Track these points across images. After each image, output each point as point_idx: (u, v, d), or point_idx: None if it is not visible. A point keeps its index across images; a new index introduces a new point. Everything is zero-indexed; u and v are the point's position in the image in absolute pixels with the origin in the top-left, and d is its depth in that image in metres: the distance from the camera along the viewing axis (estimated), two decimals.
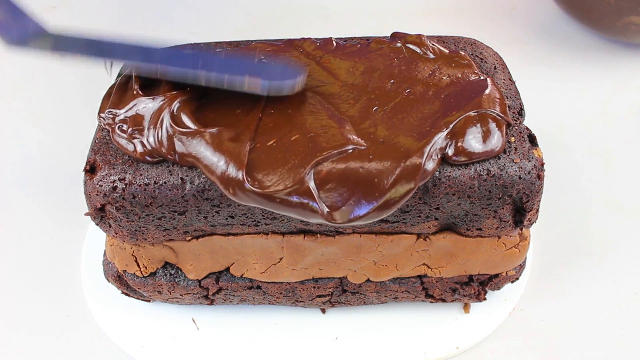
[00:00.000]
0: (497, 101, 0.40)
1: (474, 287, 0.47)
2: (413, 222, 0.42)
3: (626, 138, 0.63)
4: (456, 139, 0.38)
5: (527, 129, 0.41)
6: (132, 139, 0.40)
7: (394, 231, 0.43)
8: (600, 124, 0.65)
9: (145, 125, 0.40)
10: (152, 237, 0.43)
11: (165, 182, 0.39)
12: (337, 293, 0.48)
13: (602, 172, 0.60)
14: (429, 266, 0.45)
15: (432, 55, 0.43)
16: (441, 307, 0.50)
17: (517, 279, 0.48)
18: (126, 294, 0.49)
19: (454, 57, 0.43)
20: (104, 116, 0.41)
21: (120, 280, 0.47)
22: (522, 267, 0.47)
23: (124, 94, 0.42)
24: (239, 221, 0.42)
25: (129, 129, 0.40)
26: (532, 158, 0.40)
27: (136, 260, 0.45)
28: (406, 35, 0.45)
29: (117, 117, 0.41)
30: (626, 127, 0.64)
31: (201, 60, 0.41)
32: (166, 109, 0.40)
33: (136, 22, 0.79)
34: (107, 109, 0.41)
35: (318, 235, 0.43)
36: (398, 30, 0.46)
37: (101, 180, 0.40)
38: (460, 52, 0.44)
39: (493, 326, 0.49)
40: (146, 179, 0.39)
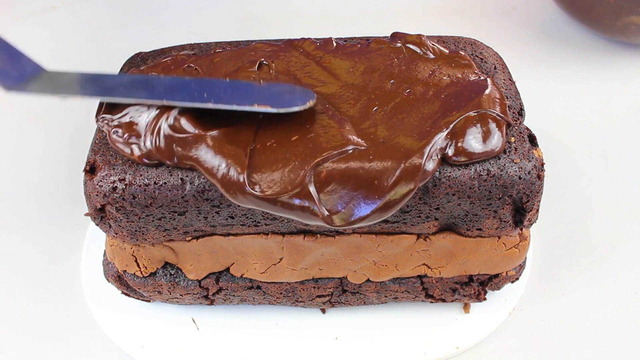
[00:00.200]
0: (497, 101, 0.40)
1: (474, 287, 0.47)
2: (413, 222, 0.42)
3: (626, 138, 0.63)
4: (456, 139, 0.38)
5: (527, 129, 0.41)
6: (129, 144, 0.40)
7: (394, 231, 0.43)
8: (600, 124, 0.65)
9: (141, 130, 0.40)
10: (152, 237, 0.43)
11: (165, 183, 0.39)
12: (337, 293, 0.48)
13: (602, 172, 0.60)
14: (429, 266, 0.45)
15: (432, 56, 0.43)
16: (441, 307, 0.50)
17: (517, 279, 0.48)
18: (126, 294, 0.49)
19: (454, 57, 0.43)
20: (100, 122, 0.41)
21: (120, 280, 0.47)
22: (522, 267, 0.47)
23: None
24: (239, 221, 0.42)
25: (125, 135, 0.40)
26: (532, 158, 0.40)
27: (136, 261, 0.45)
28: (406, 35, 0.45)
29: (112, 122, 0.40)
30: (626, 127, 0.64)
31: (207, 92, 0.40)
32: (165, 114, 0.40)
33: (136, 22, 0.79)
34: (101, 114, 0.41)
35: (318, 235, 0.43)
36: (398, 30, 0.46)
37: (101, 181, 0.40)
38: (460, 52, 0.44)
39: (493, 326, 0.49)
40: (146, 180, 0.39)
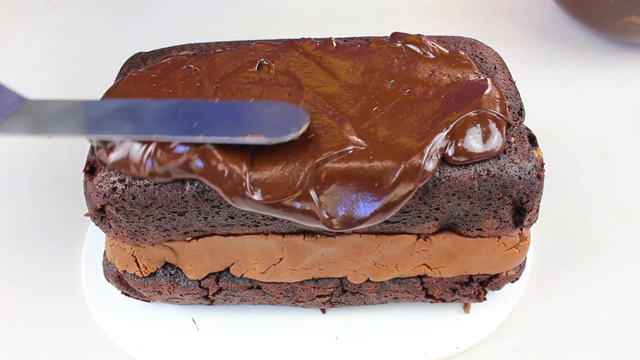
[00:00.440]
0: (497, 101, 0.40)
1: (474, 287, 0.47)
2: (413, 222, 0.42)
3: (626, 138, 0.63)
4: (456, 139, 0.38)
5: (527, 129, 0.41)
6: (129, 170, 0.39)
7: (394, 231, 0.43)
8: (600, 124, 0.65)
9: (137, 158, 0.38)
10: (152, 237, 0.43)
11: (165, 183, 0.39)
12: (337, 293, 0.48)
13: (602, 172, 0.60)
14: (429, 266, 0.45)
15: (432, 56, 0.43)
16: (441, 307, 0.50)
17: (517, 279, 0.48)
18: (126, 294, 0.49)
19: (454, 57, 0.43)
20: (99, 156, 0.40)
21: (120, 280, 0.47)
22: (522, 267, 0.47)
23: None
24: (239, 222, 0.42)
25: (124, 166, 0.39)
26: (532, 158, 0.40)
27: (136, 261, 0.45)
28: (406, 35, 0.45)
29: (109, 154, 0.39)
30: (626, 127, 0.64)
31: (197, 120, 0.38)
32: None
33: (136, 22, 0.79)
34: (98, 150, 0.40)
35: (318, 235, 0.43)
36: (398, 30, 0.46)
37: (101, 181, 0.40)
38: (460, 52, 0.44)
39: (493, 326, 0.49)
40: (146, 180, 0.39)
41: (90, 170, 0.40)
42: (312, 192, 0.37)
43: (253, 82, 0.42)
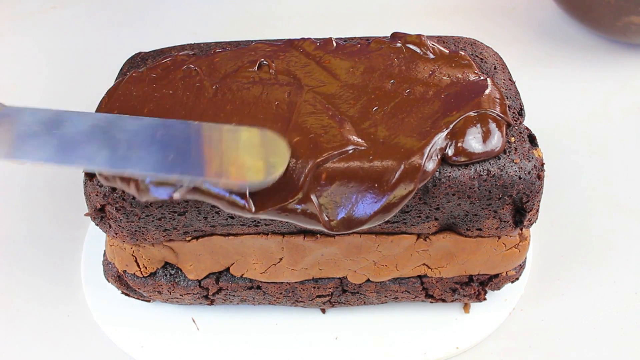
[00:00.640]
0: (497, 101, 0.40)
1: (474, 287, 0.47)
2: (413, 222, 0.42)
3: (626, 138, 0.63)
4: (456, 139, 0.38)
5: (527, 129, 0.41)
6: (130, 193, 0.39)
7: (394, 231, 0.43)
8: (600, 124, 0.65)
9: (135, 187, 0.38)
10: (152, 237, 0.43)
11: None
12: (337, 293, 0.48)
13: (602, 172, 0.60)
14: (429, 266, 0.45)
15: (432, 56, 0.43)
16: (441, 307, 0.50)
17: (517, 279, 0.48)
18: (126, 294, 0.49)
19: (454, 57, 0.43)
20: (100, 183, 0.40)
21: (120, 280, 0.47)
22: (522, 267, 0.47)
23: None
24: (238, 221, 0.42)
25: (124, 194, 0.39)
26: (532, 158, 0.40)
27: (136, 261, 0.45)
28: (406, 35, 0.45)
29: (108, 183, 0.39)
30: (626, 127, 0.64)
31: (174, 152, 0.35)
32: None
33: (136, 22, 0.79)
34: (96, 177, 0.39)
35: (318, 235, 0.43)
36: (398, 30, 0.46)
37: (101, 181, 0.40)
38: (460, 52, 0.44)
39: (493, 326, 0.49)
40: None
41: None
42: (313, 195, 0.37)
43: (253, 82, 0.42)
